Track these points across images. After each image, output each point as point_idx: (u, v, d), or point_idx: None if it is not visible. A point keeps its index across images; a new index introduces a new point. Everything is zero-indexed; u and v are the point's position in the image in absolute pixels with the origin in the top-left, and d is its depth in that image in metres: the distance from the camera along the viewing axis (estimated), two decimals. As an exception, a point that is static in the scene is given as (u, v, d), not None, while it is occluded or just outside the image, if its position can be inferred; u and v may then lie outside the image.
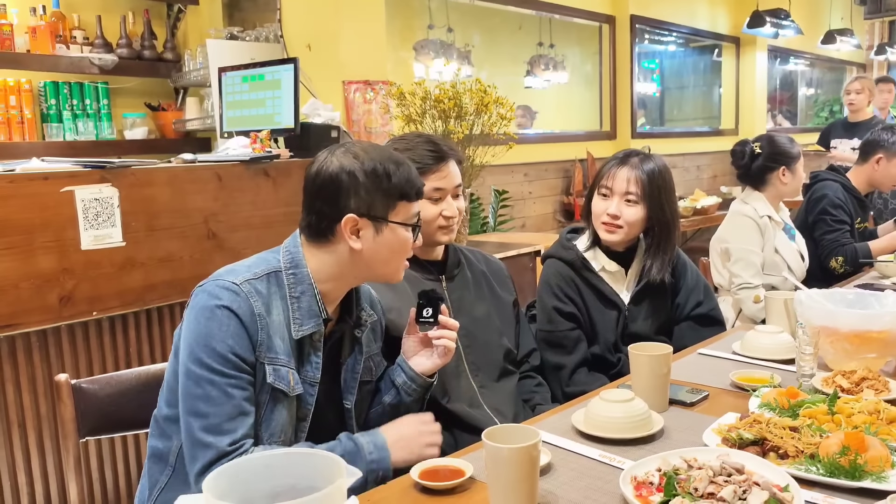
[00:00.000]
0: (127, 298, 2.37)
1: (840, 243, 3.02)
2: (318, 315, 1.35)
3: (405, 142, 1.74)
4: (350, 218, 1.32)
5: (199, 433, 1.23)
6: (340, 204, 1.33)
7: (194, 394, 1.24)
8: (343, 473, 0.90)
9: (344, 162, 1.33)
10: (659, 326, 2.08)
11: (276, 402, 1.31)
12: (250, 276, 1.31)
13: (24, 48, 3.34)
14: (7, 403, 2.20)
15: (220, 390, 1.24)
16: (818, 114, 9.70)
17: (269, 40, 3.57)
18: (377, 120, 3.48)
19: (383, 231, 1.35)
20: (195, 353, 1.25)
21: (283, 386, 1.30)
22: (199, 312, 1.28)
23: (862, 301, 1.79)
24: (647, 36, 6.39)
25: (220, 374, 1.24)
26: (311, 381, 1.36)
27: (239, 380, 1.26)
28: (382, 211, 1.35)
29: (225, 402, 1.24)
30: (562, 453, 1.32)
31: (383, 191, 1.34)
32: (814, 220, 3.12)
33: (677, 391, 1.57)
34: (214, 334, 1.25)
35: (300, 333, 1.33)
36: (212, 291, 1.29)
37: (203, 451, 1.22)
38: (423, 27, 4.93)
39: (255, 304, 1.28)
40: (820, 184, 3.19)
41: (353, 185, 1.32)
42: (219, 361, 1.24)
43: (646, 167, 1.98)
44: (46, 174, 2.21)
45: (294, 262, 1.36)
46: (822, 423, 1.30)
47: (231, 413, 1.24)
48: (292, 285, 1.35)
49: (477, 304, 1.84)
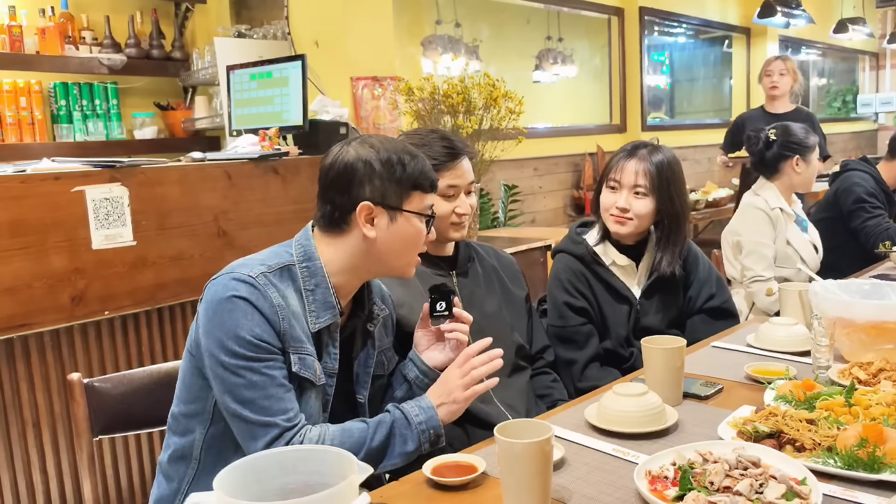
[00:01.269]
0: (138, 297, 2.38)
1: (884, 227, 2.99)
2: (333, 306, 1.35)
3: (419, 137, 1.74)
4: (365, 205, 1.33)
5: (254, 417, 1.24)
6: (355, 192, 1.33)
7: (237, 383, 1.25)
8: (355, 469, 0.90)
9: (360, 151, 1.34)
10: (671, 320, 2.06)
11: (304, 391, 1.32)
12: (265, 269, 1.31)
13: (33, 49, 3.36)
14: (21, 402, 2.22)
15: (259, 374, 1.25)
16: (830, 104, 9.62)
17: (276, 37, 3.57)
18: (385, 116, 3.47)
19: (397, 220, 1.35)
20: (225, 345, 1.25)
21: (309, 374, 1.31)
22: (218, 305, 1.27)
23: (878, 291, 1.76)
24: (656, 28, 6.35)
25: (256, 360, 1.25)
26: (331, 371, 1.37)
27: (275, 360, 1.27)
28: (396, 200, 1.35)
29: (269, 383, 1.25)
30: (575, 448, 1.31)
31: (398, 180, 1.34)
32: (850, 209, 3.08)
33: (691, 384, 1.56)
34: (240, 323, 1.25)
35: (317, 325, 1.33)
36: (227, 284, 1.28)
37: (264, 430, 1.24)
38: (431, 22, 4.92)
39: (273, 296, 1.28)
40: (851, 173, 3.15)
41: (368, 174, 1.33)
42: (250, 349, 1.25)
43: (654, 159, 1.96)
44: (57, 174, 2.22)
45: (307, 255, 1.36)
46: (840, 416, 1.28)
47: (278, 393, 1.25)
48: (306, 278, 1.35)
49: (488, 300, 1.84)
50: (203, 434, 1.33)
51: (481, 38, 5.21)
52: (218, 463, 1.28)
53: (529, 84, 5.60)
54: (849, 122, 9.41)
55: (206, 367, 1.29)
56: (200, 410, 1.33)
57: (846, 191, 3.10)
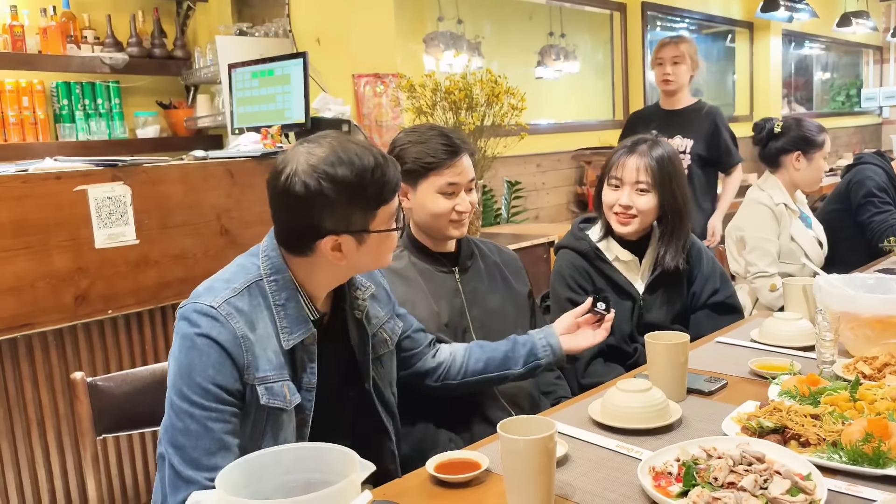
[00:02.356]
0: (141, 296, 2.38)
1: (890, 223, 2.98)
2: (306, 321, 1.30)
3: (417, 134, 1.73)
4: (329, 239, 1.25)
5: (179, 466, 1.19)
6: (314, 222, 1.23)
7: (176, 426, 1.20)
8: (356, 467, 0.89)
9: (309, 181, 1.21)
10: (675, 315, 2.05)
11: (277, 419, 1.26)
12: (230, 294, 1.24)
13: (35, 49, 3.36)
14: (26, 402, 2.22)
15: (199, 424, 1.19)
16: (834, 98, 9.59)
17: (278, 35, 3.56)
18: (388, 113, 3.47)
19: (366, 241, 1.28)
20: (176, 385, 1.21)
21: (278, 403, 1.25)
22: (181, 342, 1.23)
23: (883, 286, 1.76)
24: (658, 23, 6.33)
25: (200, 407, 1.19)
26: (308, 387, 1.31)
27: (220, 413, 1.20)
28: (362, 223, 1.26)
29: (204, 435, 1.19)
30: (578, 444, 1.31)
31: (360, 204, 1.24)
32: (859, 203, 3.07)
33: (695, 380, 1.55)
34: (195, 365, 1.20)
35: (291, 341, 1.27)
36: (190, 318, 1.23)
37: (185, 485, 1.18)
38: (433, 19, 4.91)
39: (236, 327, 1.22)
40: (864, 166, 3.14)
41: (326, 205, 1.22)
42: (199, 394, 1.19)
43: (655, 154, 1.96)
44: (59, 174, 2.22)
45: (274, 268, 1.29)
46: (844, 410, 1.28)
47: (210, 448, 1.19)
48: (275, 292, 1.28)
49: (491, 296, 1.83)
50: None
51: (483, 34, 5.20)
52: None
53: (532, 80, 5.58)
54: (853, 116, 9.38)
55: None
56: None
57: (858, 183, 3.09)
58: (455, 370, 1.62)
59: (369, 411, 1.45)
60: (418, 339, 1.61)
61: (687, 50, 3.51)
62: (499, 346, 1.65)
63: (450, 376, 1.61)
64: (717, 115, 3.56)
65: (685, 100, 3.59)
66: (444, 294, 1.74)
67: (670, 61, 3.49)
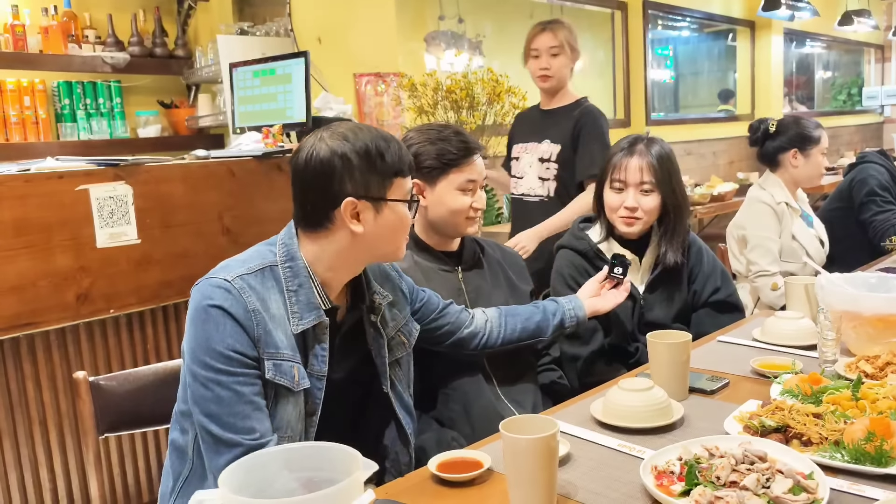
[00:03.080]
0: (143, 295, 2.38)
1: (892, 223, 2.97)
2: (318, 307, 1.32)
3: (436, 131, 1.77)
4: (349, 202, 1.29)
5: (218, 432, 1.22)
6: (335, 189, 1.28)
7: (205, 396, 1.23)
8: (360, 466, 0.90)
9: (334, 145, 1.29)
10: (676, 314, 2.05)
11: (280, 398, 1.28)
12: (243, 272, 1.28)
13: (36, 49, 3.36)
14: (28, 401, 2.22)
15: (228, 390, 1.22)
16: (835, 97, 9.58)
17: (279, 34, 3.56)
18: (389, 112, 3.47)
19: (383, 210, 1.32)
20: (198, 356, 1.24)
21: (285, 381, 1.27)
22: (195, 314, 1.26)
23: (885, 284, 1.75)
24: (660, 22, 6.33)
25: (226, 374, 1.22)
26: (318, 374, 1.33)
27: (246, 376, 1.24)
28: (379, 190, 1.31)
29: (236, 400, 1.22)
30: (581, 443, 1.31)
31: (378, 170, 1.30)
32: (861, 202, 3.07)
33: (697, 379, 1.55)
34: (212, 335, 1.23)
35: (300, 326, 1.30)
36: (204, 291, 1.26)
37: (227, 448, 1.21)
38: (434, 18, 4.91)
39: (248, 300, 1.25)
40: (866, 165, 3.14)
41: (347, 168, 1.28)
42: (222, 361, 1.22)
43: (654, 152, 1.96)
44: (61, 173, 2.22)
45: (289, 255, 1.33)
46: (846, 409, 1.27)
47: (244, 411, 1.22)
48: (289, 278, 1.31)
49: (494, 294, 1.84)
50: (194, 436, 1.32)
51: (484, 33, 5.20)
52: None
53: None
54: (854, 115, 9.37)
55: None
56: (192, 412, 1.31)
57: (860, 182, 3.09)
58: (493, 339, 1.73)
59: (389, 414, 1.47)
60: (450, 315, 1.67)
61: (566, 38, 2.86)
62: (532, 317, 1.78)
63: (488, 345, 1.73)
64: (588, 116, 2.83)
65: (565, 98, 2.93)
66: (447, 293, 1.75)
67: (547, 52, 2.84)
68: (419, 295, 1.62)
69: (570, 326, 1.81)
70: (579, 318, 1.81)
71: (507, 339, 1.75)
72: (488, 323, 1.73)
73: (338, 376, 1.37)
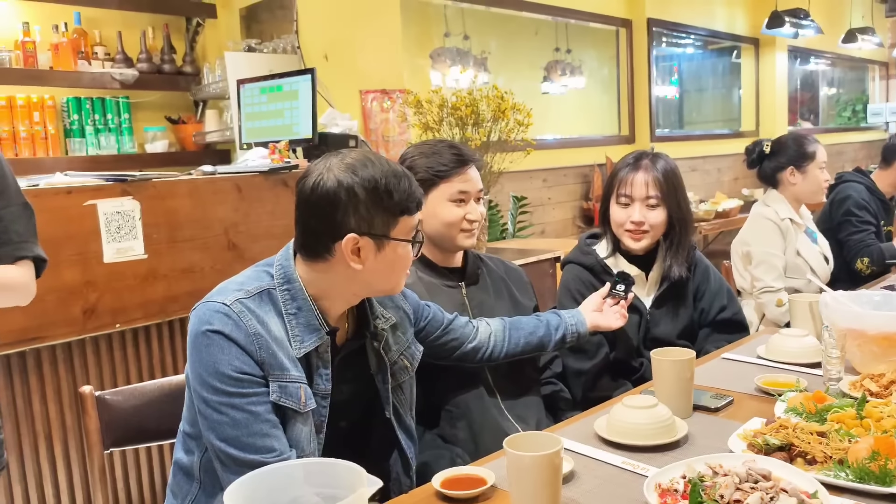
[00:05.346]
0: (150, 310, 2.39)
1: (866, 244, 2.99)
2: (318, 329, 1.30)
3: (429, 146, 1.77)
4: (351, 237, 1.26)
5: (236, 453, 1.20)
6: (338, 222, 1.26)
7: (220, 421, 1.21)
8: (364, 483, 0.90)
9: (341, 177, 1.25)
10: (682, 330, 2.05)
11: (288, 420, 1.27)
12: (241, 295, 1.26)
13: (47, 65, 3.40)
14: (34, 415, 2.23)
15: (243, 411, 1.21)
16: (840, 113, 9.59)
17: (286, 51, 3.60)
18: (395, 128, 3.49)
19: (384, 248, 1.29)
20: (207, 382, 1.22)
21: (290, 403, 1.25)
22: (197, 340, 1.24)
23: (889, 302, 1.75)
24: (664, 39, 6.36)
25: (238, 396, 1.21)
26: (323, 393, 1.32)
27: (258, 395, 1.23)
28: (383, 228, 1.28)
29: (252, 420, 1.21)
30: (584, 460, 1.31)
31: (384, 207, 1.27)
32: (839, 221, 3.09)
33: (701, 396, 1.55)
34: (218, 359, 1.21)
35: (303, 349, 1.28)
36: (202, 316, 1.24)
37: (248, 468, 1.15)
38: (440, 35, 4.94)
39: (248, 324, 1.23)
40: (844, 185, 3.16)
41: (352, 203, 1.25)
42: (231, 383, 1.21)
43: (659, 167, 1.97)
44: (69, 188, 2.24)
45: (287, 277, 1.31)
46: (851, 428, 1.27)
47: (262, 430, 1.21)
48: (287, 301, 1.29)
49: (497, 310, 1.84)
50: (201, 456, 1.31)
51: (490, 49, 5.23)
52: (216, 485, 1.29)
53: (538, 95, 5.61)
54: (859, 132, 9.36)
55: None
56: (199, 434, 1.30)
57: (839, 202, 3.12)
58: (497, 352, 1.75)
59: (390, 438, 1.46)
60: (455, 329, 1.68)
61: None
62: (535, 331, 1.79)
63: (492, 358, 1.74)
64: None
65: None
66: (451, 308, 1.75)
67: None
68: (424, 312, 1.61)
69: (571, 341, 1.83)
70: (580, 333, 1.83)
71: (511, 352, 1.76)
72: (492, 336, 1.74)
73: (338, 398, 1.36)
